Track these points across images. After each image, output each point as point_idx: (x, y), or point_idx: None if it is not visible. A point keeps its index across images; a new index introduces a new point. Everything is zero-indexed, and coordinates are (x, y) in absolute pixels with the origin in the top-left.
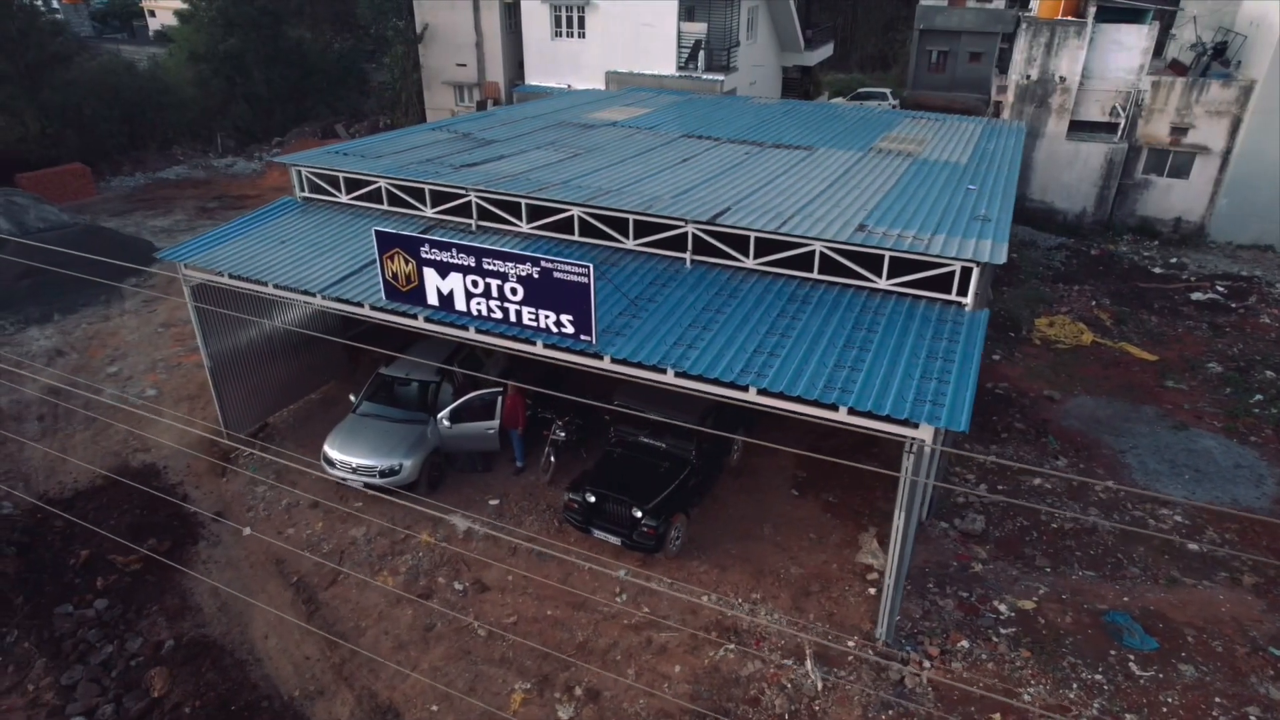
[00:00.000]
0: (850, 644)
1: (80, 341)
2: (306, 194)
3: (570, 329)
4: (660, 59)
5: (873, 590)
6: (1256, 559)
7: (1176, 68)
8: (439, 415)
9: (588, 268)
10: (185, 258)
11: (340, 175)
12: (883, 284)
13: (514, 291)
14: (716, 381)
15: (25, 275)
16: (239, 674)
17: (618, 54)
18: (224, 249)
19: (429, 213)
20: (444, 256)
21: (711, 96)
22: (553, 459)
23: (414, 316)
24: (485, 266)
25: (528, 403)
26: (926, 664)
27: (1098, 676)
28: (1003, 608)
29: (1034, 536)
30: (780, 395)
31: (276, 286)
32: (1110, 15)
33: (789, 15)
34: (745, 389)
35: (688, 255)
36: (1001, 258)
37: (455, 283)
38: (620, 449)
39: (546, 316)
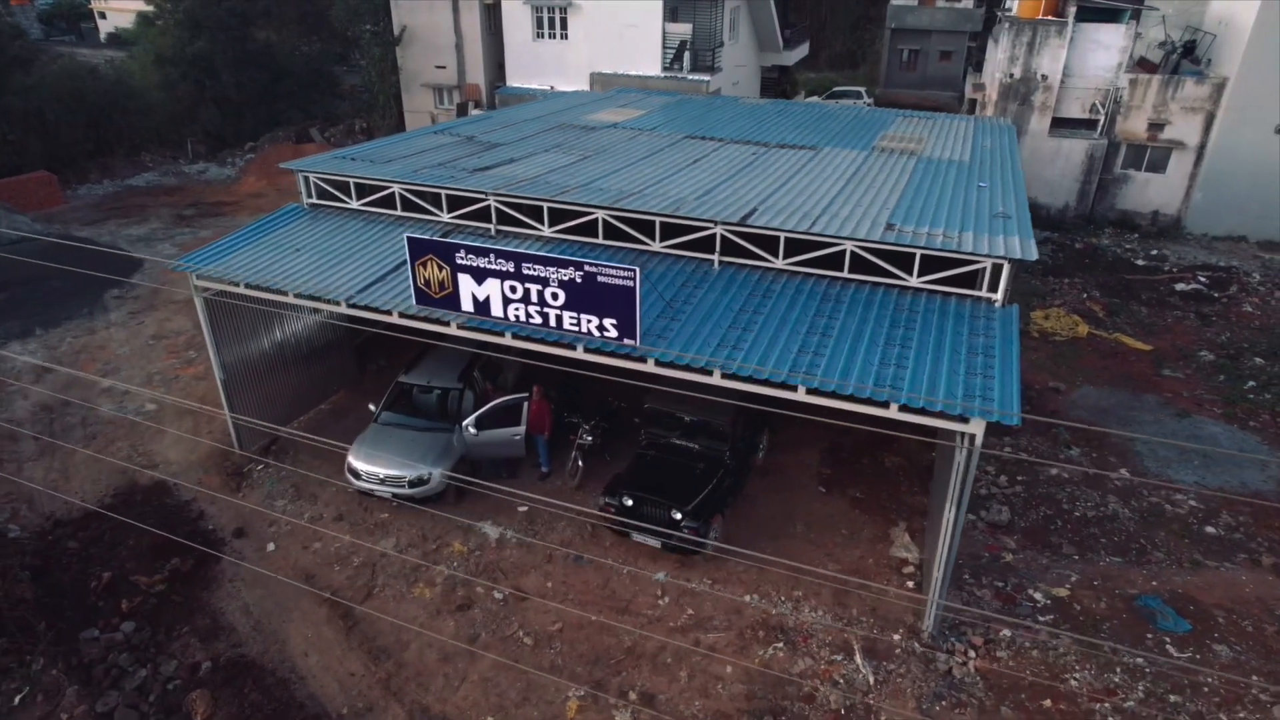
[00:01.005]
0: (896, 637)
1: (68, 356)
2: (314, 200)
3: (613, 333)
4: (645, 60)
5: (911, 584)
6: (1273, 541)
7: (1145, 65)
8: (464, 423)
9: (633, 271)
10: (197, 268)
11: (351, 180)
12: (913, 281)
13: (555, 296)
14: (766, 382)
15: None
16: (283, 693)
17: (602, 55)
18: (237, 258)
19: (445, 217)
20: (481, 262)
21: (701, 97)
22: (580, 463)
23: (446, 323)
24: (525, 271)
25: (552, 408)
26: (972, 654)
27: (1139, 660)
28: (1038, 596)
29: (1059, 525)
30: (831, 394)
31: (298, 295)
32: (1089, 15)
33: (769, 15)
34: (794, 389)
35: (716, 257)
36: (1033, 254)
37: (492, 288)
38: (653, 451)
39: (589, 321)
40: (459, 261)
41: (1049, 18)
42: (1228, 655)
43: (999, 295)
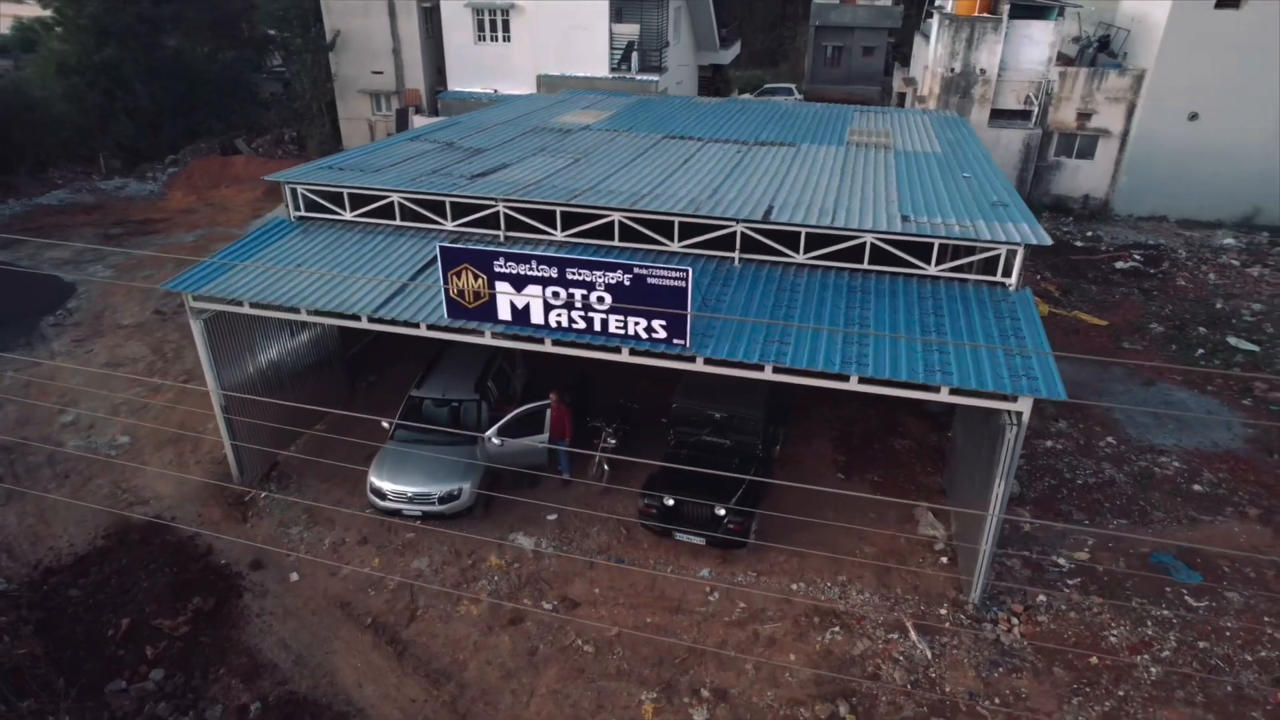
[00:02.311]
0: (942, 611)
1: (14, 390)
2: (302, 213)
3: (662, 334)
4: (592, 61)
5: (945, 559)
6: (1253, 493)
7: (1062, 59)
8: (487, 433)
9: (686, 272)
10: (193, 288)
11: (345, 191)
12: (932, 270)
13: (601, 300)
14: (822, 374)
15: None
16: None
17: (547, 57)
18: (234, 278)
19: (449, 225)
20: (522, 269)
21: (659, 98)
22: (605, 467)
23: (481, 333)
24: (570, 276)
25: (572, 413)
26: (1015, 621)
27: (1165, 612)
28: (1062, 561)
29: (1065, 494)
30: (887, 382)
31: (312, 312)
32: (1020, 12)
33: (707, 14)
34: (846, 378)
35: (736, 254)
36: (1046, 239)
37: (533, 295)
38: (685, 449)
39: (637, 323)
40: (498, 270)
41: (985, 14)
42: (1239, 601)
43: (1013, 280)
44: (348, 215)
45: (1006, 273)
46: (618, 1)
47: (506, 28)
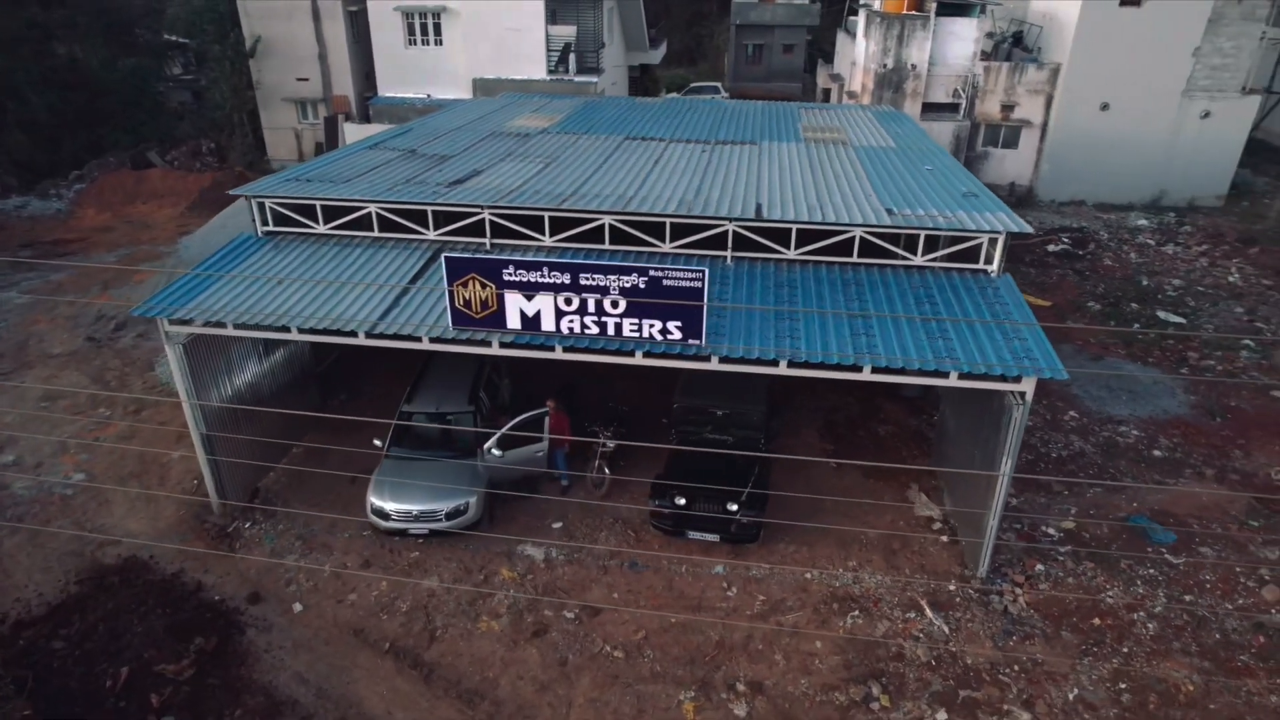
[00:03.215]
0: (951, 587)
1: None
2: (271, 228)
3: (677, 335)
4: (529, 63)
5: (945, 538)
6: (1205, 455)
7: (981, 55)
8: (487, 445)
9: (702, 272)
10: (167, 313)
11: (318, 204)
12: (918, 260)
13: (615, 304)
14: (837, 367)
15: None
16: None
17: (482, 60)
18: (210, 298)
19: (432, 235)
20: (533, 276)
21: (601, 100)
22: (606, 470)
23: (487, 344)
24: (583, 282)
25: (569, 419)
26: (1018, 591)
27: (1151, 571)
28: (1051, 531)
29: (1042, 467)
30: (900, 371)
31: (303, 331)
32: (945, 10)
33: (638, 15)
34: (859, 369)
35: (729, 253)
36: (1027, 227)
37: (544, 303)
38: (689, 448)
39: (651, 325)
40: (506, 278)
41: (913, 12)
42: (1212, 554)
43: (995, 266)
44: (321, 228)
45: (988, 260)
46: (553, 3)
47: (438, 31)
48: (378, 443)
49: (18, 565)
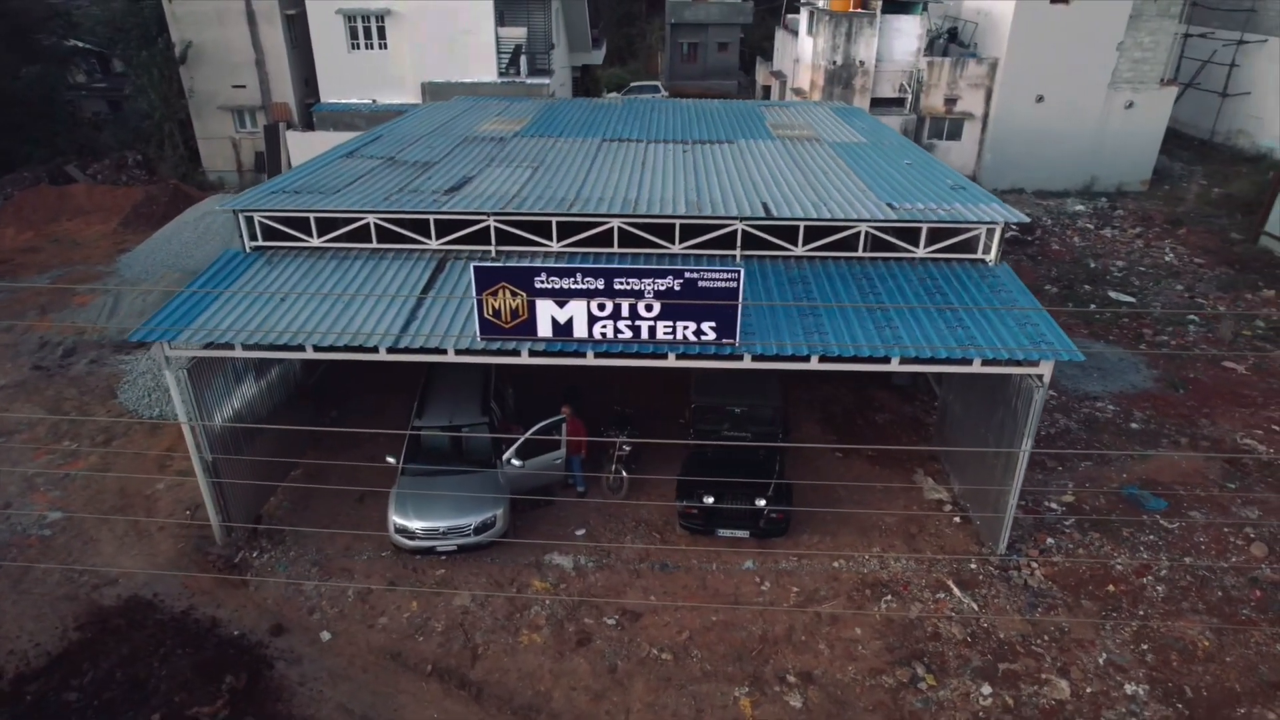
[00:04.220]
0: (973, 565)
1: None
2: (260, 242)
3: (711, 335)
4: (479, 66)
5: (957, 519)
6: (1178, 424)
7: None
8: (506, 455)
9: (738, 272)
10: (168, 336)
11: (312, 216)
12: (920, 252)
13: (649, 308)
14: (870, 359)
15: None
16: None
17: (431, 64)
18: (211, 319)
19: (434, 245)
20: (565, 283)
21: (561, 102)
22: (623, 474)
23: (516, 353)
24: (617, 287)
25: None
26: (1034, 565)
27: (1150, 537)
28: (1054, 505)
29: (1034, 444)
30: (929, 361)
31: (318, 349)
32: (889, 7)
33: (582, 15)
34: (887, 360)
35: (738, 252)
36: (1024, 217)
37: (576, 309)
38: (709, 446)
39: (685, 327)
40: (538, 286)
41: (859, 10)
42: (1201, 517)
43: (992, 256)
44: (315, 242)
45: (986, 250)
46: (501, 4)
47: (382, 34)
48: (391, 459)
49: (4, 615)
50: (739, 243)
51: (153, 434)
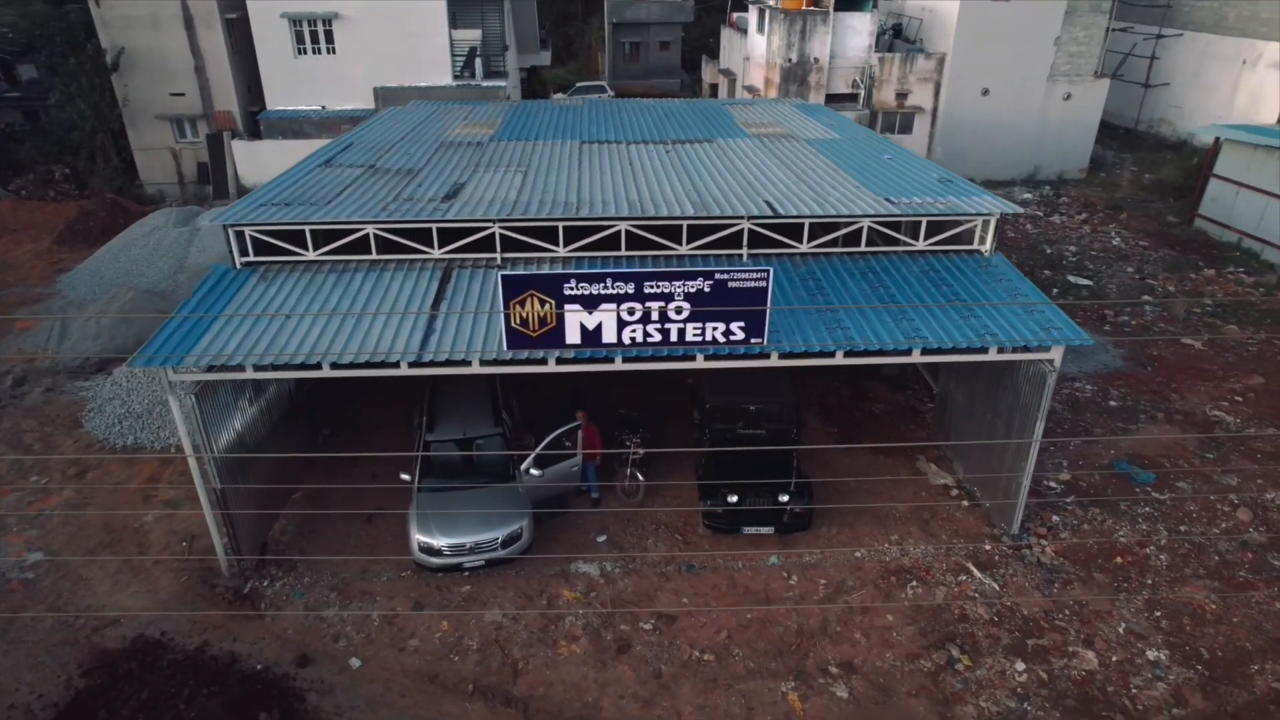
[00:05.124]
0: (987, 547)
1: None
2: (251, 258)
3: (740, 335)
4: (432, 69)
5: (965, 503)
6: (1153, 401)
7: None
8: (524, 465)
9: (767, 271)
10: (174, 361)
11: (308, 228)
12: (920, 245)
13: (679, 310)
14: (894, 353)
15: None
16: None
17: (382, 68)
18: (216, 341)
19: (437, 254)
20: (595, 289)
21: (522, 104)
22: (639, 478)
23: (543, 361)
24: (647, 290)
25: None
26: (1044, 543)
27: (1146, 509)
28: (1052, 484)
29: None
30: (951, 350)
31: (335, 366)
32: (841, 5)
33: (531, 16)
34: (908, 352)
35: (744, 250)
36: (1019, 208)
37: (606, 314)
38: (725, 444)
39: (714, 328)
40: (568, 292)
41: (812, 8)
42: (1188, 489)
43: (988, 246)
44: (311, 255)
45: (981, 241)
46: (453, 5)
47: (330, 39)
48: (405, 476)
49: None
50: (745, 241)
51: (129, 464)
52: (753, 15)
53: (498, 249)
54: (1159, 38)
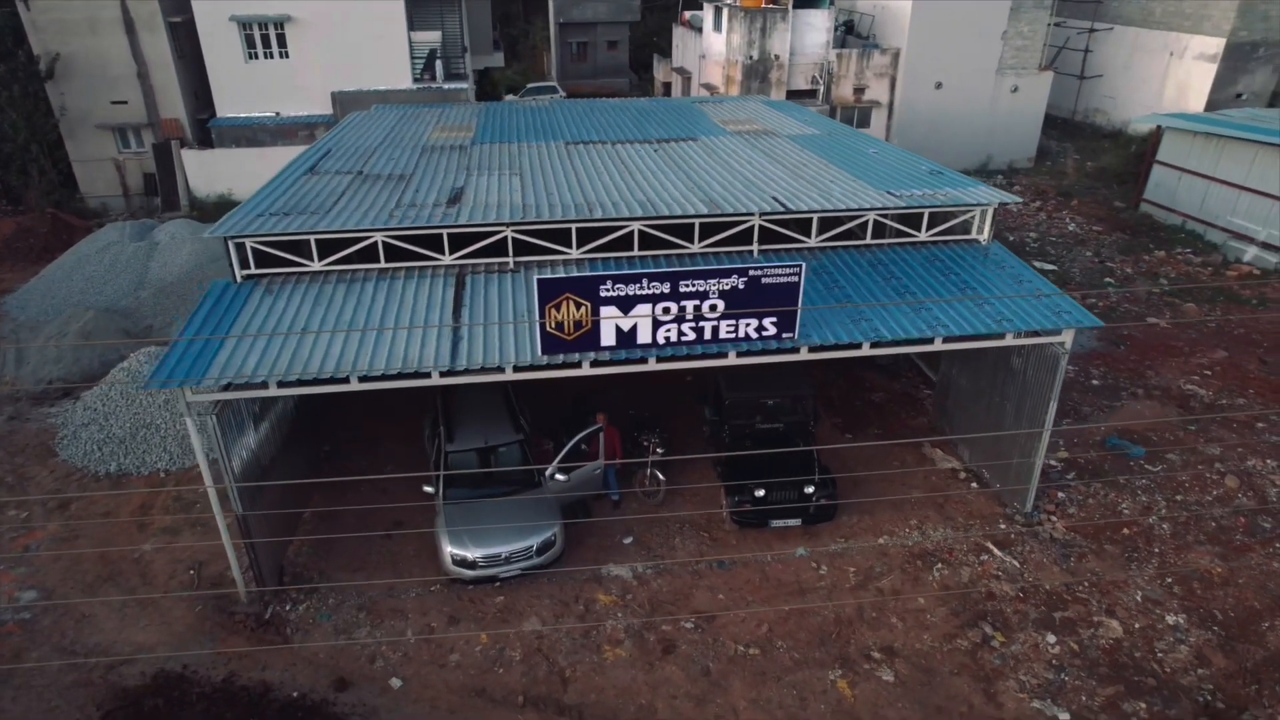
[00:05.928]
0: (1003, 526)
1: None
2: (252, 270)
3: (772, 330)
4: (391, 73)
5: (974, 485)
6: (1131, 377)
7: None
8: (549, 471)
9: (799, 267)
10: (192, 381)
11: (313, 238)
12: (923, 236)
13: (713, 308)
14: (918, 342)
15: None
16: None
17: (339, 71)
18: (233, 358)
19: (447, 260)
20: (631, 289)
21: (492, 106)
22: (660, 477)
23: (577, 365)
24: (682, 289)
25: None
26: (1054, 520)
27: (1143, 481)
28: (1053, 461)
29: None
30: (973, 338)
31: (364, 379)
32: (799, 2)
33: (485, 17)
34: (931, 341)
35: (755, 247)
36: (1017, 198)
37: (641, 315)
38: (747, 441)
39: (747, 325)
40: (603, 294)
41: (772, 5)
42: (1177, 460)
43: (985, 235)
44: (317, 265)
45: (979, 230)
46: (410, 6)
47: (282, 42)
48: (429, 489)
49: (9, 716)
50: (755, 237)
51: (115, 494)
52: (708, 13)
53: (510, 253)
54: (1091, 31)
